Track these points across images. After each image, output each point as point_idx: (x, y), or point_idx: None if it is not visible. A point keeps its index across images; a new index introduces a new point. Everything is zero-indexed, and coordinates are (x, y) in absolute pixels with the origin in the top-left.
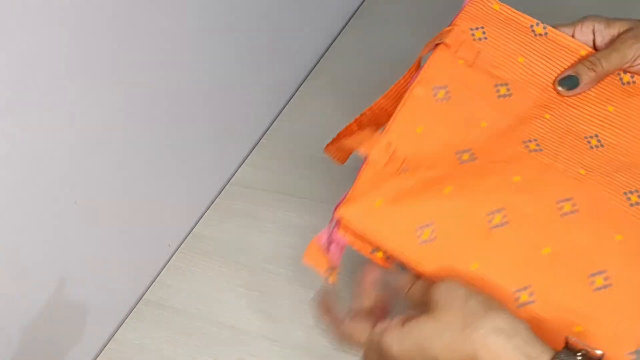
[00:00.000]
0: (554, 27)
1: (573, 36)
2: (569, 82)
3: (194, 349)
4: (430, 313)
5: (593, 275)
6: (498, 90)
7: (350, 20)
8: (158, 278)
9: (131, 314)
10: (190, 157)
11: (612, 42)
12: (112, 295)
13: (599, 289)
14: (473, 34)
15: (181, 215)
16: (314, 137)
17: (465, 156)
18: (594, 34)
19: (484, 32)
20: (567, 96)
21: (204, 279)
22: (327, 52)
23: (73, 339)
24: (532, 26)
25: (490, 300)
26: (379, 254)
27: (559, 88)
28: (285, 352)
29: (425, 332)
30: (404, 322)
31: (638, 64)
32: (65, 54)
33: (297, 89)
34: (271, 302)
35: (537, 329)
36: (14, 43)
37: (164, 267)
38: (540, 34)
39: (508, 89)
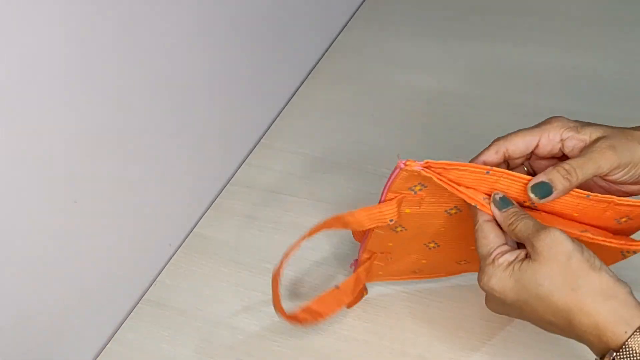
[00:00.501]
0: (516, 131)
1: (538, 144)
2: (542, 189)
3: (194, 349)
4: (532, 261)
5: None
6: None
7: (350, 20)
8: (158, 278)
9: (131, 314)
10: (191, 157)
11: (586, 150)
12: (112, 295)
13: None
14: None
15: (181, 215)
16: (314, 137)
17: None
18: (562, 141)
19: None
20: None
21: (204, 279)
22: (327, 52)
23: (73, 339)
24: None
25: (593, 259)
26: None
27: (531, 195)
28: (285, 352)
29: (526, 276)
30: (509, 264)
31: (613, 175)
32: (66, 53)
33: (297, 89)
34: (271, 301)
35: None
36: (14, 43)
37: (164, 267)
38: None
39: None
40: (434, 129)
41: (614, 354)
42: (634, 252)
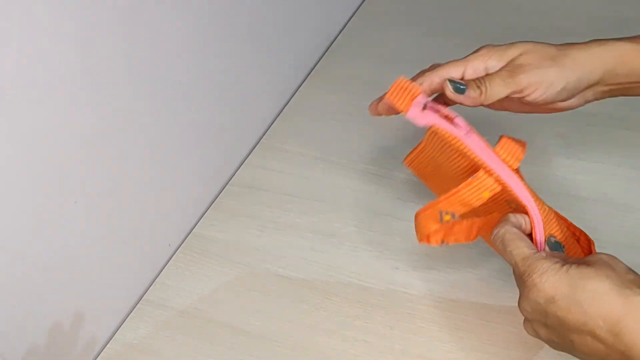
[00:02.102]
0: (444, 64)
1: (464, 75)
2: (457, 87)
3: (194, 349)
4: (589, 265)
5: None
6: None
7: (350, 20)
8: (158, 278)
9: (131, 314)
10: (191, 157)
11: (506, 66)
12: (112, 295)
13: None
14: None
15: (181, 215)
16: (314, 137)
17: None
18: (486, 70)
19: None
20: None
21: (204, 279)
22: (327, 52)
23: (73, 339)
24: None
25: None
26: None
27: (449, 85)
28: (285, 352)
29: (584, 274)
30: (564, 265)
31: (526, 94)
32: (66, 53)
33: (297, 89)
34: (271, 302)
35: None
36: (14, 43)
37: (164, 267)
38: None
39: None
40: None
41: None
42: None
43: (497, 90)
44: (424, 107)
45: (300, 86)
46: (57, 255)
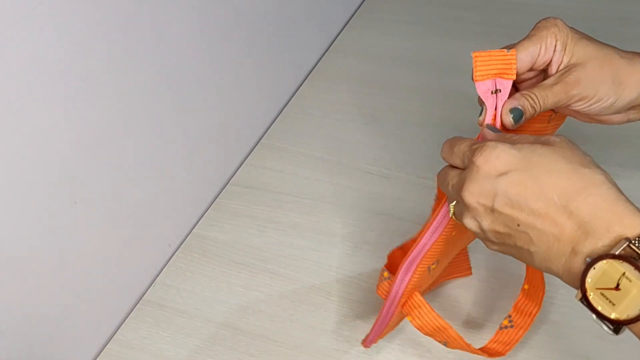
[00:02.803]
0: (515, 46)
1: (536, 61)
2: (516, 114)
3: (194, 349)
4: (546, 144)
5: None
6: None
7: (350, 20)
8: (158, 278)
9: (131, 314)
10: (191, 157)
11: (556, 77)
12: (112, 295)
13: None
14: None
15: (181, 215)
16: (314, 137)
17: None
18: (554, 52)
19: None
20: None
21: (204, 279)
22: (327, 52)
23: (73, 339)
24: None
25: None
26: None
27: (509, 117)
28: (285, 352)
29: (538, 152)
30: (515, 143)
31: (575, 106)
32: (66, 53)
33: (297, 89)
34: (271, 302)
35: None
36: (14, 43)
37: (164, 267)
38: None
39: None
40: (434, 129)
41: (629, 242)
42: None
43: (550, 106)
44: (495, 92)
45: (300, 86)
46: (57, 255)
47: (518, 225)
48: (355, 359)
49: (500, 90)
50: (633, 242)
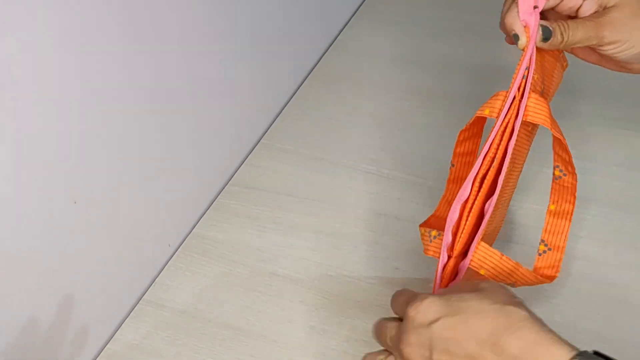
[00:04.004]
0: None
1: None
2: (545, 32)
3: (194, 349)
4: (473, 292)
5: None
6: None
7: (350, 20)
8: (158, 278)
9: (131, 314)
10: (190, 157)
11: (592, 16)
12: (112, 295)
13: None
14: None
15: (181, 215)
16: (314, 137)
17: None
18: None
19: None
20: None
21: (204, 279)
22: (327, 52)
23: (73, 339)
24: None
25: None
26: None
27: (540, 32)
28: (285, 352)
29: (465, 298)
30: (444, 293)
31: (605, 50)
32: (66, 53)
33: (297, 89)
34: (271, 302)
35: None
36: (13, 43)
37: (164, 267)
38: None
39: None
40: (433, 129)
41: None
42: None
43: (579, 40)
44: (535, 7)
45: (300, 86)
46: (57, 255)
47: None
48: (355, 359)
49: (537, 6)
50: None
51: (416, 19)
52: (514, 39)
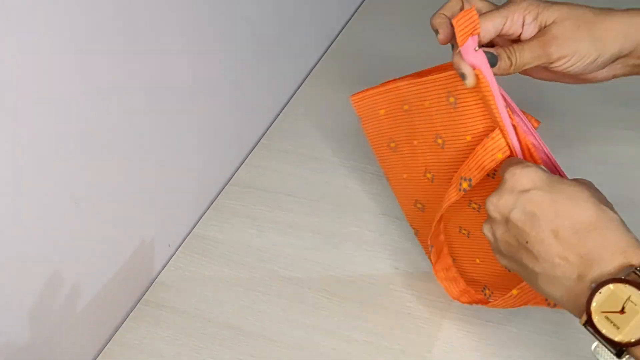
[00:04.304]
0: (484, 14)
1: (502, 28)
2: (492, 59)
3: (194, 349)
4: (574, 180)
5: None
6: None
7: (350, 20)
8: (158, 278)
9: (131, 314)
10: (190, 157)
11: (535, 36)
12: (111, 296)
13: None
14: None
15: (181, 215)
16: (314, 137)
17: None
18: (523, 26)
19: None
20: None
21: (204, 279)
22: (327, 52)
23: (73, 339)
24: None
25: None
26: None
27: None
28: (285, 352)
29: (563, 182)
30: (546, 171)
31: (556, 65)
32: (66, 53)
33: (297, 89)
34: (271, 302)
35: None
36: (14, 43)
37: (164, 267)
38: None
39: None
40: None
41: (634, 269)
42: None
43: (527, 61)
44: (477, 48)
45: (300, 86)
46: (56, 255)
47: (527, 242)
48: (355, 359)
49: (476, 48)
50: (638, 269)
51: (416, 19)
52: (461, 77)
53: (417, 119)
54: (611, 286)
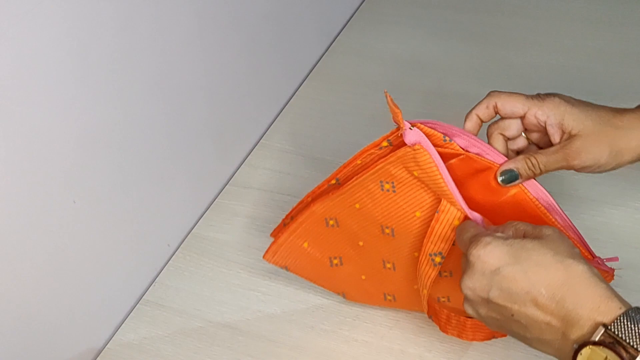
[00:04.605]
0: (511, 93)
1: (525, 115)
2: (509, 175)
3: (194, 349)
4: (536, 239)
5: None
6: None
7: (350, 20)
8: (158, 278)
9: (131, 314)
10: (190, 157)
11: (559, 146)
12: (111, 296)
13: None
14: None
15: (181, 215)
16: (314, 137)
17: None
18: (545, 125)
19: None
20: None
21: (203, 279)
22: (327, 52)
23: (73, 339)
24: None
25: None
26: None
27: (500, 178)
28: (285, 352)
29: (527, 247)
30: (508, 238)
31: (582, 171)
32: (65, 54)
33: (297, 89)
34: (271, 302)
35: None
36: (14, 43)
37: (164, 267)
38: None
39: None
40: None
41: (606, 328)
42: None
43: (550, 170)
44: (411, 127)
45: (300, 86)
46: (56, 255)
47: (512, 314)
48: (355, 359)
49: (411, 127)
50: (609, 327)
51: (416, 19)
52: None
53: (352, 223)
54: (589, 348)
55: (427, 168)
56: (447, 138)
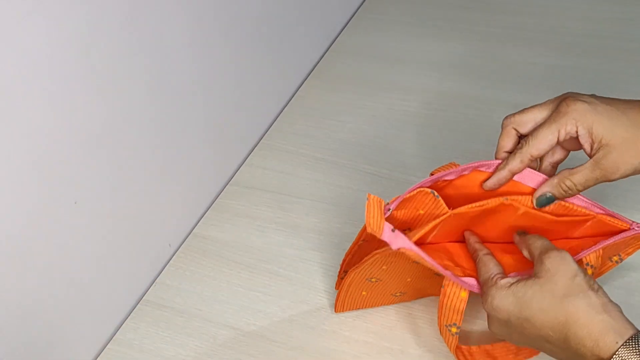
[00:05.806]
0: (536, 134)
1: (557, 139)
2: (545, 200)
3: (194, 349)
4: (537, 278)
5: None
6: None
7: (350, 20)
8: (158, 278)
9: (131, 314)
10: (191, 157)
11: (592, 163)
12: (112, 296)
13: None
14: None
15: (181, 215)
16: (314, 137)
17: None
18: (576, 136)
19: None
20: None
21: (204, 279)
22: (327, 52)
23: (73, 339)
24: None
25: (592, 281)
26: None
27: (535, 203)
28: (285, 352)
29: (528, 294)
30: (511, 285)
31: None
32: (66, 54)
33: (297, 89)
34: (271, 302)
35: None
36: (15, 43)
37: (164, 267)
38: None
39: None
40: (433, 129)
41: None
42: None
43: (586, 187)
44: (393, 230)
45: (300, 86)
46: (56, 255)
47: (537, 346)
48: (355, 359)
49: (393, 229)
50: None
51: (416, 20)
52: None
53: (387, 277)
54: None
55: (419, 259)
56: (435, 193)
